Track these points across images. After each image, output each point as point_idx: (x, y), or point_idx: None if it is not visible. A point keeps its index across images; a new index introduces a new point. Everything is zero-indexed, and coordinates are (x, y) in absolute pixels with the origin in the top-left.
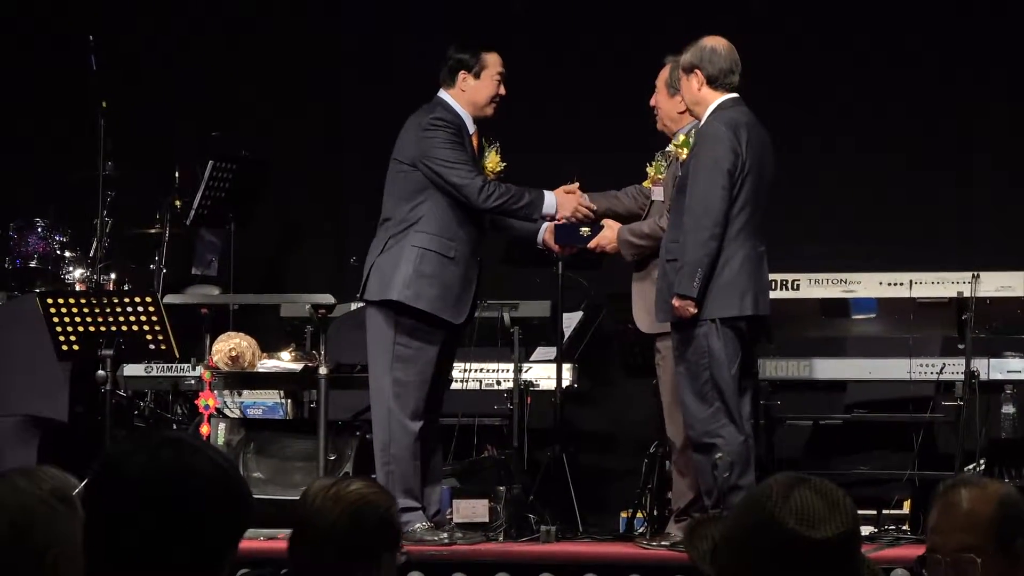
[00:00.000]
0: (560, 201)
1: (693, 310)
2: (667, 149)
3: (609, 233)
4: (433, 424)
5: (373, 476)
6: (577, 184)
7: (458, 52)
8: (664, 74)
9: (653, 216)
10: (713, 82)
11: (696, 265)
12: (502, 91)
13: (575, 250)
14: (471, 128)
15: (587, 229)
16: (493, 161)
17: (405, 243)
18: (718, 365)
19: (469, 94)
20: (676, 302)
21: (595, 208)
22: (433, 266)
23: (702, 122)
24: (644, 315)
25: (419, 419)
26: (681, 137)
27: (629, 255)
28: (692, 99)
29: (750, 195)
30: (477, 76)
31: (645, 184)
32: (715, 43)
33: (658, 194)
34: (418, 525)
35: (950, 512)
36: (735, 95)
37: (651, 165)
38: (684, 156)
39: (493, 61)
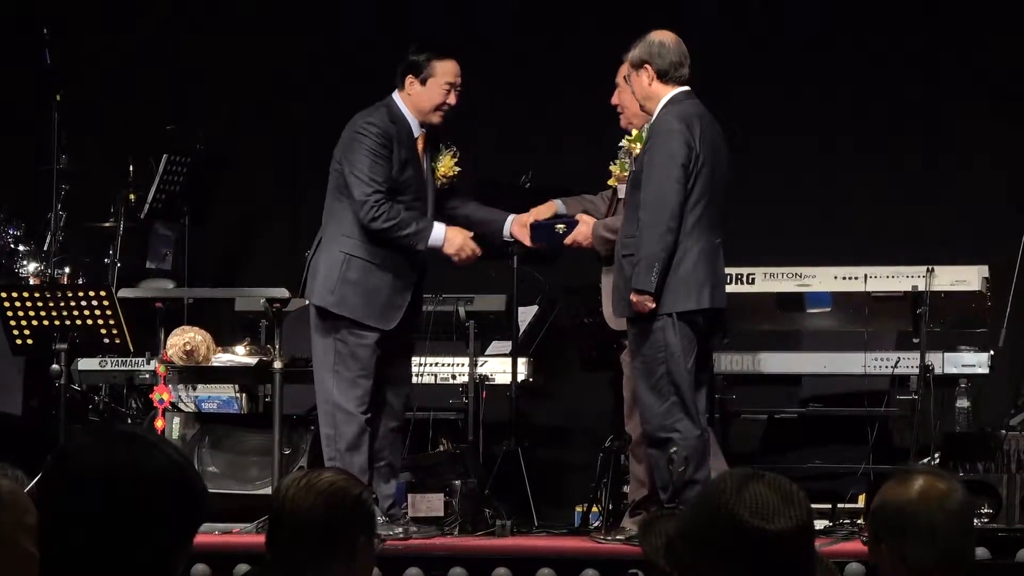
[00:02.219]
0: (448, 237)
1: (651, 304)
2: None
3: (584, 228)
4: (388, 424)
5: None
6: (471, 235)
7: (411, 55)
8: (625, 71)
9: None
10: (664, 76)
11: (653, 259)
12: (451, 100)
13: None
14: (416, 132)
15: (563, 226)
16: (447, 165)
17: (334, 246)
18: (674, 359)
19: (414, 99)
20: (634, 297)
21: (480, 254)
22: (358, 273)
23: (654, 117)
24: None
25: (366, 411)
26: (634, 132)
27: (603, 250)
28: (643, 94)
29: (705, 188)
30: (424, 82)
31: (611, 182)
32: (663, 37)
33: (624, 191)
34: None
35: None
36: (686, 88)
37: (615, 163)
38: (637, 151)
39: (444, 69)
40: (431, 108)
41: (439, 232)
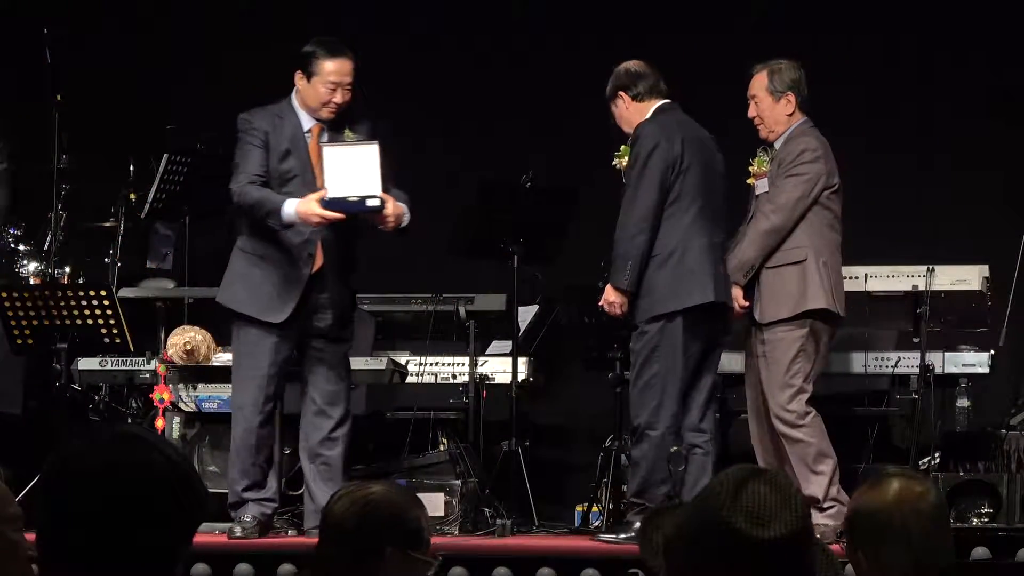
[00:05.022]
0: (299, 212)
1: (624, 307)
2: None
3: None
4: (322, 428)
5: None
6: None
7: (304, 48)
8: (763, 81)
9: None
10: (639, 98)
11: (626, 258)
12: (336, 99)
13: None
14: (307, 125)
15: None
16: None
17: (236, 243)
18: (664, 358)
19: (301, 94)
20: (609, 294)
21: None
22: (243, 266)
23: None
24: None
25: (253, 413)
26: (623, 148)
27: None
28: (625, 120)
29: (698, 189)
30: (309, 79)
31: (749, 181)
32: (628, 65)
33: (762, 186)
34: (247, 516)
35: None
36: (666, 101)
37: (753, 161)
38: (625, 166)
39: (328, 68)
40: (317, 105)
41: (288, 210)
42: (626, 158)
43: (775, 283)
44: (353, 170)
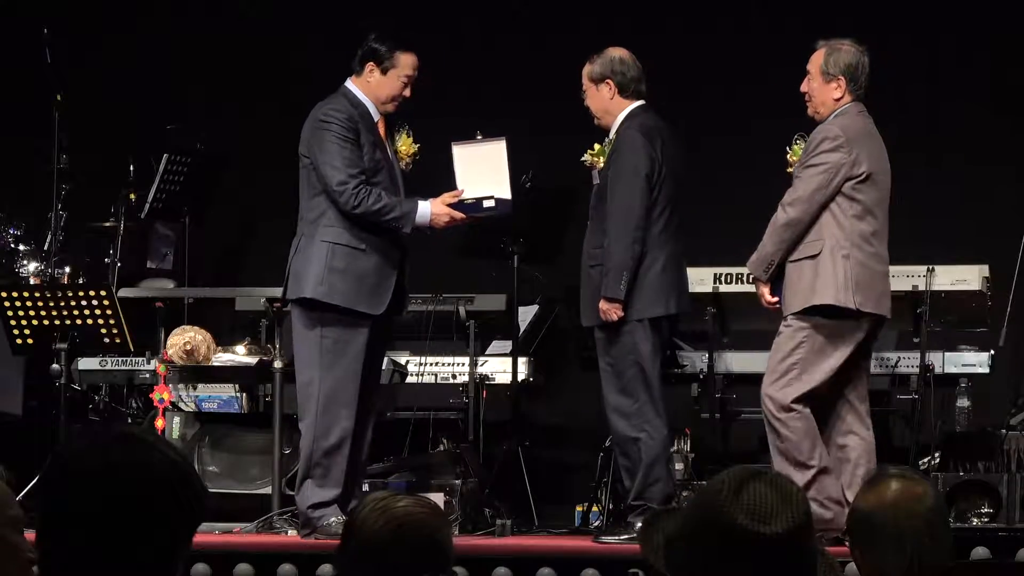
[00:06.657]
0: (434, 213)
1: (620, 313)
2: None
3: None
4: (365, 421)
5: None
6: (449, 200)
7: (374, 42)
8: (819, 59)
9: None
10: (624, 91)
11: (622, 268)
12: (407, 94)
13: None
14: (375, 116)
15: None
16: (406, 144)
17: (315, 239)
18: (646, 361)
19: (373, 87)
20: (604, 305)
21: (464, 218)
22: (344, 260)
23: (613, 131)
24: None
25: (352, 413)
26: (597, 147)
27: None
28: (602, 108)
29: (669, 198)
30: (384, 72)
31: (789, 170)
32: (622, 54)
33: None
34: (333, 519)
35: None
36: (643, 102)
37: (790, 150)
38: (600, 164)
39: (405, 62)
40: (388, 98)
41: (424, 211)
42: (601, 158)
43: (793, 277)
44: (483, 169)
